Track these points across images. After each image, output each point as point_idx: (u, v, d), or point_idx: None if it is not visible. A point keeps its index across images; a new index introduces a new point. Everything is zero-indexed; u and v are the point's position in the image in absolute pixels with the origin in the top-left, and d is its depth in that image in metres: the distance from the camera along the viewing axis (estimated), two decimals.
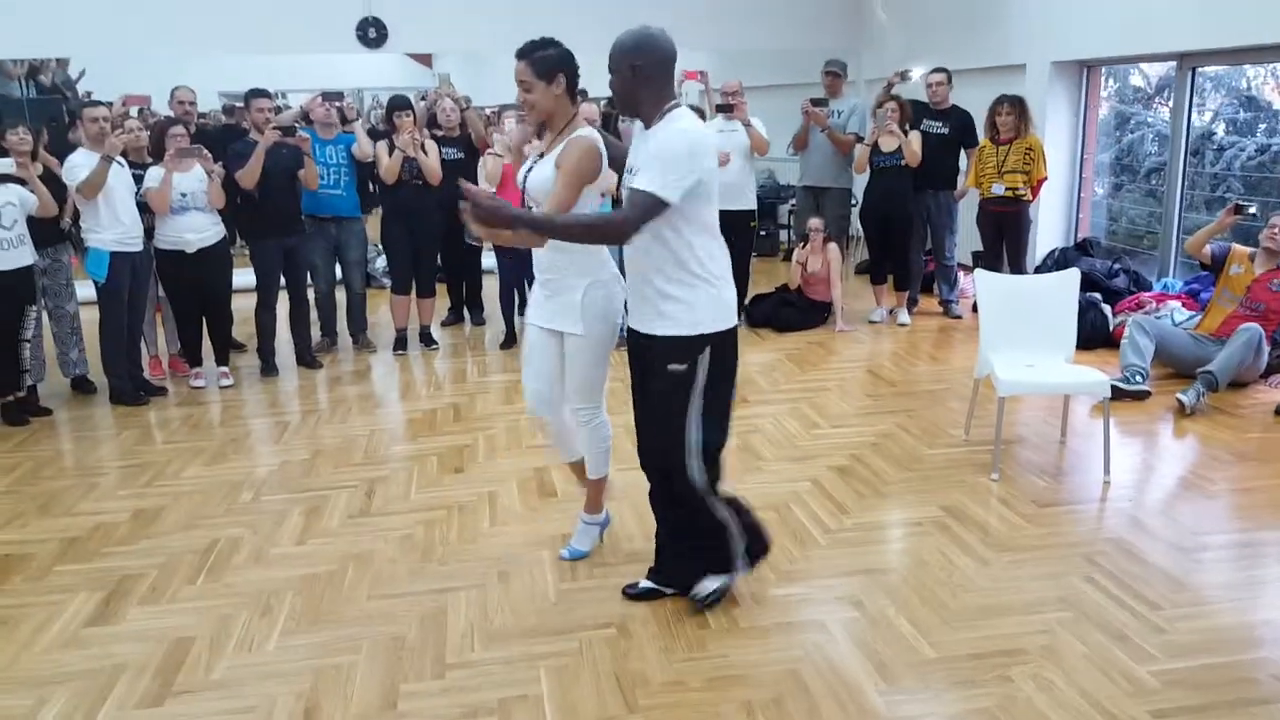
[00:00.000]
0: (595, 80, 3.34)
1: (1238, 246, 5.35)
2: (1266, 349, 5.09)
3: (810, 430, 4.76)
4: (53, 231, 5.46)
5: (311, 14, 8.32)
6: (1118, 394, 4.77)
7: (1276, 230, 5.10)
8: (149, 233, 5.47)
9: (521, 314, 6.87)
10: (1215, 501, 3.84)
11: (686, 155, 2.62)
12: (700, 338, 2.77)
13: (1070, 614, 3.00)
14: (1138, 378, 5.06)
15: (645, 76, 2.72)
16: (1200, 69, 6.52)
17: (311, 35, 8.51)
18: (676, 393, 2.82)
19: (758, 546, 3.08)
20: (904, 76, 7.05)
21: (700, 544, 3.04)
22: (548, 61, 2.90)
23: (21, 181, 5.08)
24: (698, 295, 2.75)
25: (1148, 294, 6.28)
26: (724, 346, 2.84)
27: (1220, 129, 7.87)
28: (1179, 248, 6.64)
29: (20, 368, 5.20)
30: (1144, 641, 2.83)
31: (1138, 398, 5.02)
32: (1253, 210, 5.16)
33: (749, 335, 6.69)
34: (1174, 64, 6.54)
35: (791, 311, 6.83)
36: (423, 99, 8.47)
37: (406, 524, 3.81)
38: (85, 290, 5.57)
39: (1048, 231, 7.54)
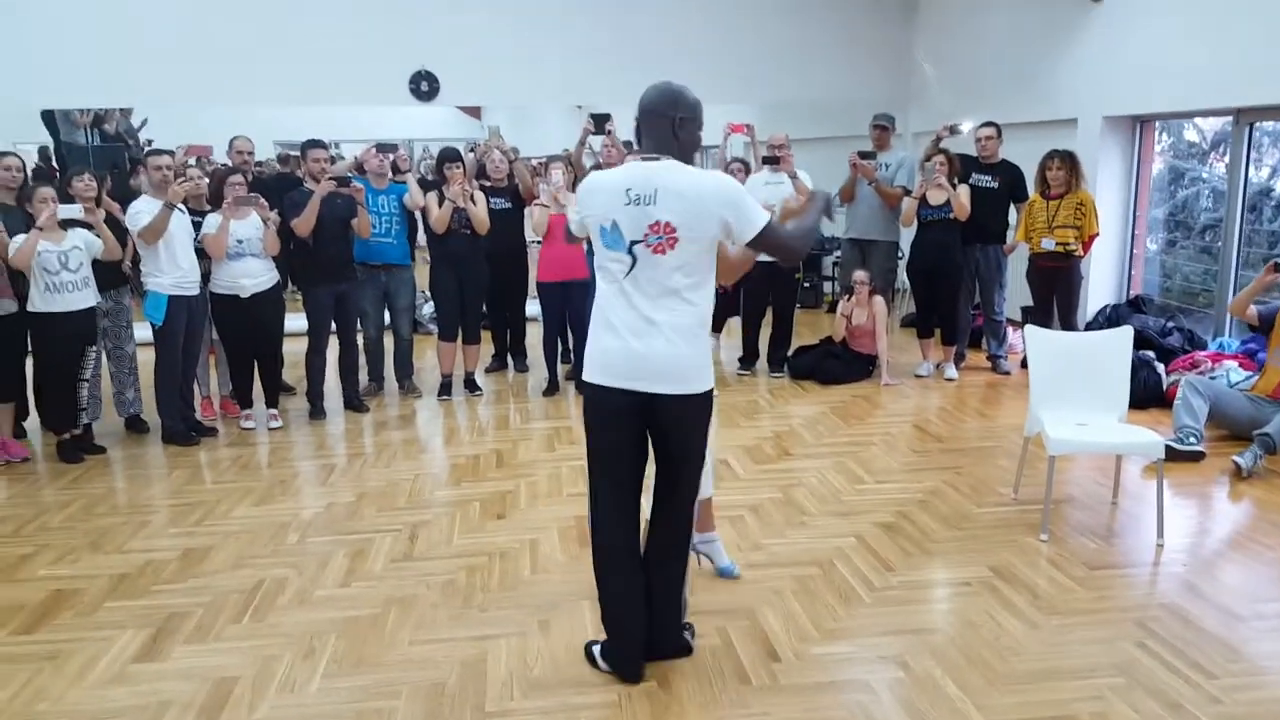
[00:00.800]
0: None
1: None
2: None
3: (855, 485, 4.71)
4: (114, 274, 5.64)
5: (366, 68, 8.57)
6: (1172, 455, 4.67)
7: None
8: (205, 277, 5.62)
9: (565, 361, 6.92)
10: (1273, 568, 3.72)
11: (580, 192, 2.89)
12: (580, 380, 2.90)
13: (1123, 680, 2.91)
14: (1191, 439, 4.94)
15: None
16: (1258, 124, 6.44)
17: (366, 88, 8.76)
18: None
19: (608, 649, 3.02)
20: (953, 130, 7.05)
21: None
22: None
23: (88, 226, 5.26)
24: None
25: (1203, 353, 6.15)
26: (588, 398, 2.86)
27: None
28: None
29: (78, 406, 5.34)
30: (1200, 711, 2.74)
31: (1192, 459, 4.90)
32: None
33: (792, 387, 6.67)
34: (1230, 119, 6.47)
35: (836, 364, 6.79)
36: (472, 150, 8.67)
37: (449, 569, 3.82)
38: (143, 332, 5.71)
39: (1099, 288, 7.45)
